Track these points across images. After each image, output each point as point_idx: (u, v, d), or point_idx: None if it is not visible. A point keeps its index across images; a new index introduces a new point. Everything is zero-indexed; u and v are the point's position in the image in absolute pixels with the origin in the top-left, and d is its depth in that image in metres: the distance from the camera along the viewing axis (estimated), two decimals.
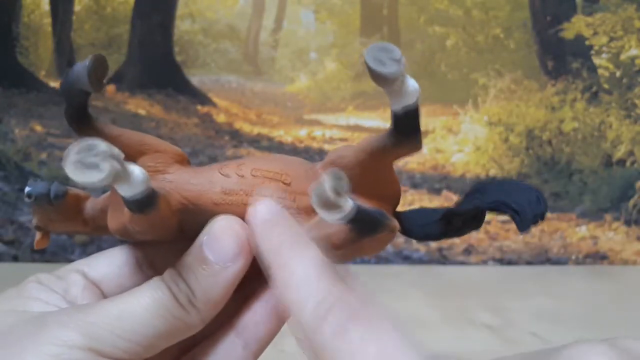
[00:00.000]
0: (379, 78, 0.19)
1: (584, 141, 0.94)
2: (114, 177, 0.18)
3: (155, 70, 0.91)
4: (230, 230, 0.23)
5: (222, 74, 0.93)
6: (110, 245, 0.27)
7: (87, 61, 0.21)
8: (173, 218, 0.23)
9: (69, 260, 0.88)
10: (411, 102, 0.20)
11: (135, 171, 0.20)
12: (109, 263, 0.25)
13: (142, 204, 0.21)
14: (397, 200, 0.25)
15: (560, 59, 0.93)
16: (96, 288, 0.25)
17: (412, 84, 0.20)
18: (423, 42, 0.93)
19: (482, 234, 0.94)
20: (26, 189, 0.25)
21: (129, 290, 0.22)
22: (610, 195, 0.96)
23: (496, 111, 0.94)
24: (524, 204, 0.21)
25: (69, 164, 0.17)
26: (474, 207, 0.22)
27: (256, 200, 0.23)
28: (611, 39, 0.93)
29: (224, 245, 0.23)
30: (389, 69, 0.19)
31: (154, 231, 0.23)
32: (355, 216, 0.18)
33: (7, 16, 0.87)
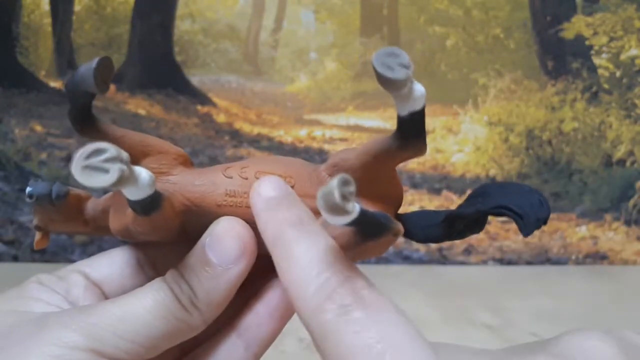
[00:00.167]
0: (387, 83, 0.19)
1: (584, 141, 0.94)
2: (122, 181, 0.18)
3: (155, 70, 0.91)
4: (232, 232, 0.23)
5: (222, 74, 0.92)
6: (112, 245, 0.27)
7: (93, 62, 0.21)
8: (176, 219, 0.23)
9: (69, 260, 0.88)
10: (418, 107, 0.20)
11: (143, 174, 0.20)
12: (110, 264, 0.25)
13: (147, 207, 0.21)
14: (400, 203, 0.25)
15: (560, 59, 0.93)
16: (97, 289, 0.25)
17: (419, 89, 0.20)
18: (423, 42, 0.93)
19: (482, 234, 0.94)
20: (27, 189, 0.25)
21: (130, 291, 0.22)
22: (610, 195, 0.96)
23: (496, 111, 0.94)
24: (526, 208, 0.21)
25: (77, 167, 0.17)
26: (477, 211, 0.22)
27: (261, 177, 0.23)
28: (611, 39, 0.92)
29: (226, 247, 0.22)
30: (397, 74, 0.19)
31: (157, 232, 0.23)
32: (360, 220, 0.18)
33: (7, 16, 0.86)
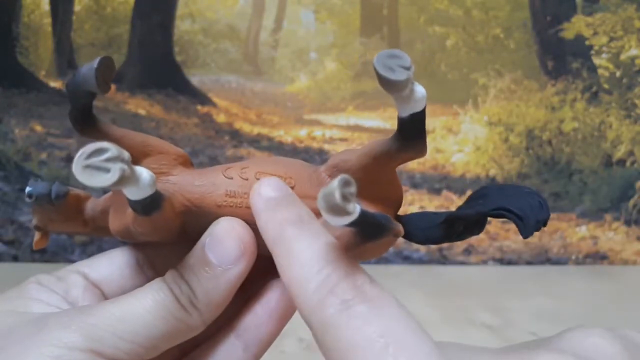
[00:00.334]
0: (388, 85, 0.19)
1: (584, 141, 0.94)
2: (123, 180, 0.18)
3: (155, 70, 0.91)
4: (232, 232, 0.23)
5: (222, 74, 0.92)
6: (111, 246, 0.27)
7: (95, 62, 0.21)
8: (176, 220, 0.23)
9: (69, 260, 0.88)
10: (418, 109, 0.20)
11: (144, 174, 0.20)
12: (109, 264, 0.25)
13: (148, 207, 0.21)
14: (399, 204, 0.25)
15: (560, 59, 0.93)
16: (97, 289, 0.25)
17: (420, 91, 0.20)
18: (423, 42, 0.93)
19: (482, 234, 0.94)
20: (27, 189, 0.25)
21: (130, 291, 0.22)
22: (610, 195, 0.96)
23: (496, 111, 0.94)
24: (526, 210, 0.21)
25: (78, 167, 0.17)
26: (476, 213, 0.22)
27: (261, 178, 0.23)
28: (611, 39, 0.92)
29: (226, 247, 0.22)
30: (399, 76, 0.19)
31: (157, 233, 0.23)
32: (360, 221, 0.18)
33: (7, 16, 0.86)
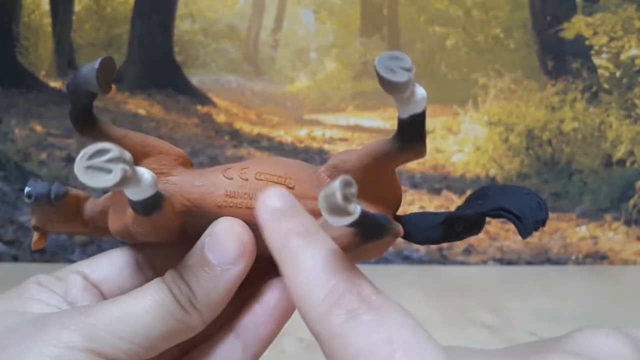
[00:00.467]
0: (389, 86, 0.19)
1: (584, 141, 0.94)
2: (125, 181, 0.18)
3: (155, 70, 0.91)
4: (232, 233, 0.23)
5: (222, 74, 0.92)
6: (111, 246, 0.27)
7: (96, 63, 0.21)
8: (176, 220, 0.23)
9: (69, 260, 0.88)
10: (419, 110, 0.20)
11: (145, 174, 0.20)
12: (109, 264, 0.25)
13: (149, 207, 0.21)
14: (399, 204, 0.25)
15: (560, 59, 0.93)
16: (96, 289, 0.25)
17: (421, 92, 0.20)
18: (423, 42, 0.93)
19: (482, 234, 0.94)
20: (26, 189, 0.25)
21: (129, 291, 0.22)
22: (610, 195, 0.95)
23: (496, 111, 0.94)
24: (525, 210, 0.21)
25: (80, 167, 0.17)
26: (476, 213, 0.22)
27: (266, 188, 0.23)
28: (611, 39, 0.92)
29: (225, 248, 0.23)
30: (400, 77, 0.19)
31: (156, 233, 0.23)
32: (361, 221, 0.18)
33: (7, 16, 0.87)
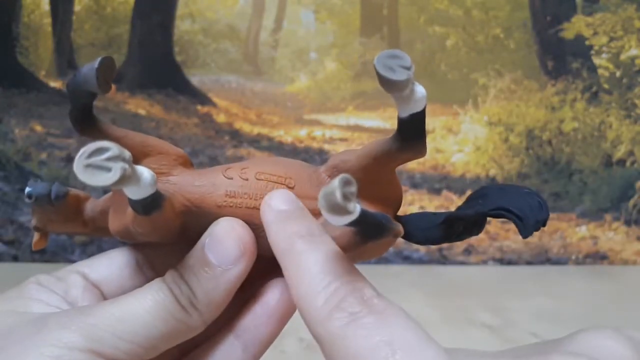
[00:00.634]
0: (388, 85, 0.19)
1: (584, 141, 0.94)
2: (124, 180, 0.18)
3: (155, 70, 0.91)
4: (232, 233, 0.23)
5: (222, 74, 0.92)
6: (112, 246, 0.27)
7: (96, 62, 0.21)
8: (176, 220, 0.23)
9: (69, 260, 0.88)
10: (418, 109, 0.20)
11: (145, 173, 0.20)
12: (109, 264, 0.25)
13: (148, 206, 0.21)
14: (399, 204, 0.25)
15: (560, 59, 0.93)
16: (96, 289, 0.25)
17: (420, 91, 0.20)
18: (423, 42, 0.93)
19: (482, 234, 0.94)
20: (26, 190, 0.25)
21: (129, 292, 0.22)
22: (610, 195, 0.95)
23: (496, 111, 0.94)
24: (526, 210, 0.21)
25: (79, 166, 0.17)
26: (476, 213, 0.22)
27: (267, 188, 0.23)
28: (611, 39, 0.92)
29: (226, 248, 0.23)
30: (399, 76, 0.19)
31: (156, 233, 0.23)
32: (361, 220, 0.18)
33: (7, 16, 0.87)
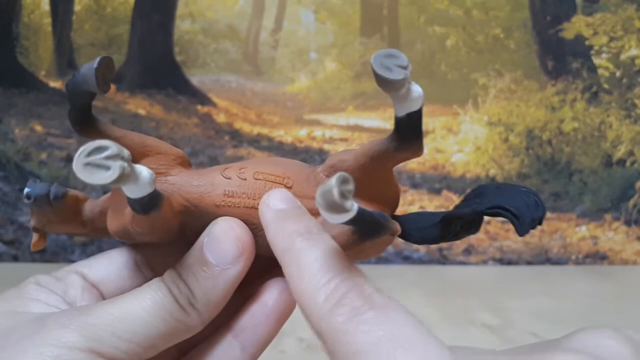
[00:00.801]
0: (385, 84, 0.19)
1: (584, 141, 0.94)
2: (123, 178, 0.18)
3: (155, 70, 0.91)
4: (231, 232, 0.23)
5: (222, 74, 0.92)
6: (111, 246, 0.27)
7: (95, 62, 0.21)
8: (175, 220, 0.23)
9: (69, 260, 0.88)
10: (415, 108, 0.21)
11: (143, 172, 0.20)
12: (108, 265, 0.26)
13: (147, 205, 0.21)
14: (396, 204, 0.25)
15: (560, 59, 0.93)
16: (95, 290, 0.25)
17: (417, 90, 0.20)
18: (423, 42, 0.93)
19: (482, 234, 0.94)
20: (25, 190, 0.25)
21: (128, 291, 0.22)
22: (610, 195, 0.95)
23: (496, 111, 0.94)
24: (522, 208, 0.21)
25: (78, 164, 0.17)
26: (473, 211, 0.22)
27: (265, 188, 0.23)
28: (611, 39, 0.92)
29: (224, 248, 0.23)
30: (396, 75, 0.19)
31: (155, 232, 0.23)
32: (358, 218, 0.18)
33: (7, 16, 0.87)
